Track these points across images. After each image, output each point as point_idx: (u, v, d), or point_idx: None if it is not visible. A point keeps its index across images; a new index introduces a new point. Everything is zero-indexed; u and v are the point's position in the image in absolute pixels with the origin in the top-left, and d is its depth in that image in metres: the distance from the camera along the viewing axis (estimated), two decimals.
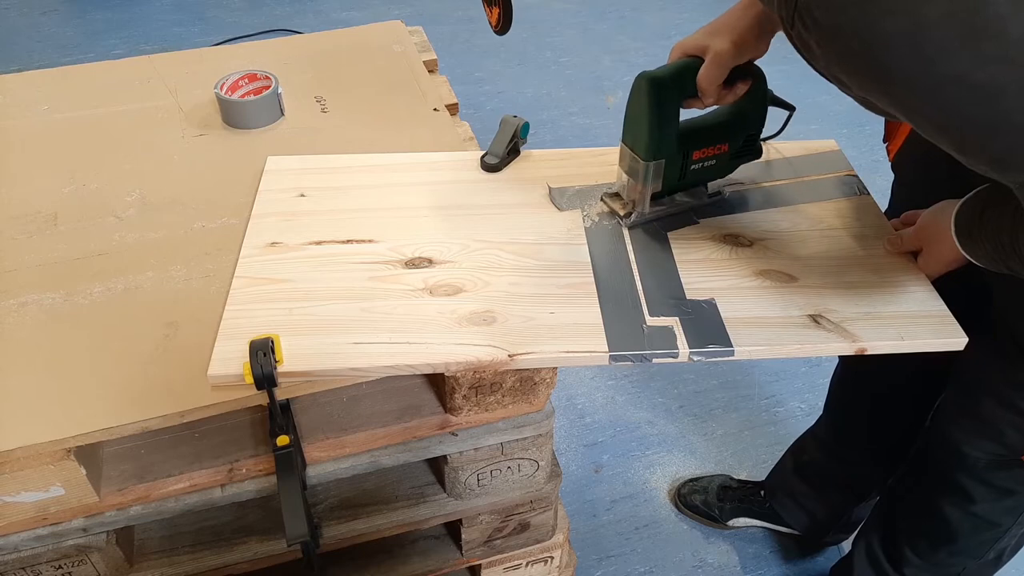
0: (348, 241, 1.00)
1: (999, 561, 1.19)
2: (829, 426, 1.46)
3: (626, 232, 1.02)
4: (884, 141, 1.16)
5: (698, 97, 0.95)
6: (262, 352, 0.81)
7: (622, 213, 1.03)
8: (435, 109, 1.29)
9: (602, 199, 1.05)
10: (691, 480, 1.72)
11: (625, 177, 1.01)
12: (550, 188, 1.09)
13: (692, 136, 0.98)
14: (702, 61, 0.92)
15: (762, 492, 1.62)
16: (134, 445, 0.94)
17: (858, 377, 1.36)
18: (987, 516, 1.11)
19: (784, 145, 1.17)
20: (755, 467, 1.76)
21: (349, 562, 1.14)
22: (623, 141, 0.99)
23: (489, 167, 1.11)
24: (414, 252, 0.98)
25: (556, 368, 0.94)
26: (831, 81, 0.72)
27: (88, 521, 0.89)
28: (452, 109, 1.32)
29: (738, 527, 1.65)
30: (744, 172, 1.10)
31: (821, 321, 0.89)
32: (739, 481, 1.69)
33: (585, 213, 1.04)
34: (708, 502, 1.66)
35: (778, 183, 1.11)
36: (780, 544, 1.63)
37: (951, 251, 0.89)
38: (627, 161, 0.99)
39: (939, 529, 1.17)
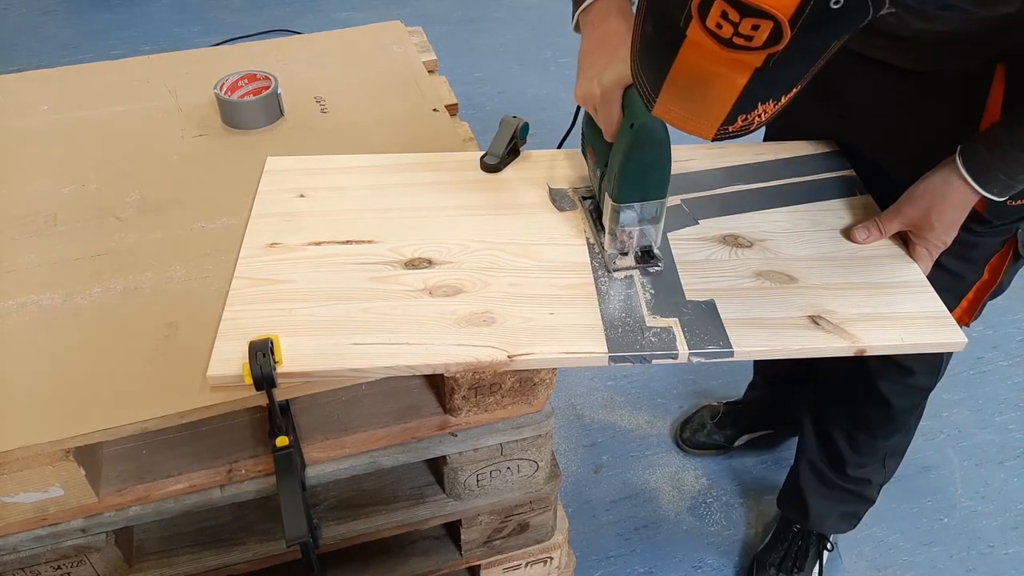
0: (348, 242, 1.00)
1: (911, 430, 1.37)
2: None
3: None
4: None
5: None
6: (261, 353, 0.81)
7: (646, 264, 0.97)
8: (435, 109, 1.29)
9: (614, 269, 0.96)
10: (683, 424, 1.83)
11: (634, 230, 0.95)
12: (550, 188, 1.09)
13: None
14: None
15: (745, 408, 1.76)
16: (133, 445, 0.93)
17: None
18: (902, 407, 1.28)
19: (784, 145, 1.17)
20: (755, 465, 1.76)
21: (349, 562, 1.14)
22: (623, 200, 0.91)
23: (489, 167, 1.11)
24: (414, 253, 0.98)
25: (555, 369, 0.94)
26: None
27: (87, 522, 0.89)
28: (452, 109, 1.32)
29: (744, 443, 1.78)
30: (744, 173, 1.09)
31: (820, 322, 0.89)
32: (725, 404, 1.81)
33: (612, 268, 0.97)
34: (711, 435, 1.78)
35: (778, 183, 1.11)
36: None
37: (955, 209, 0.92)
38: (636, 212, 0.93)
39: (867, 427, 1.32)
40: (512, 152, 1.13)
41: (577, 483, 1.73)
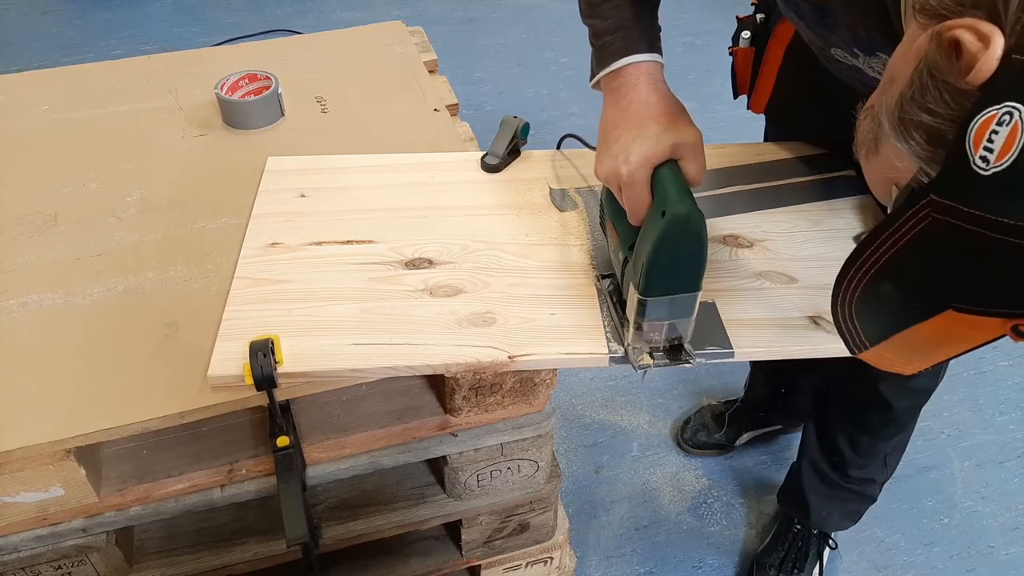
0: (348, 242, 1.00)
1: (911, 429, 1.37)
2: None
3: None
4: (737, 96, 1.19)
5: None
6: (262, 353, 0.81)
7: (676, 361, 0.87)
8: (435, 109, 1.29)
9: (638, 366, 0.86)
10: (684, 424, 1.82)
11: (663, 324, 0.84)
12: (550, 188, 1.09)
13: None
14: (676, 163, 0.82)
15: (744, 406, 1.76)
16: (134, 445, 0.93)
17: None
18: (904, 409, 1.29)
19: (785, 145, 1.17)
20: (755, 465, 1.76)
21: (349, 562, 1.14)
22: (651, 294, 0.80)
23: (489, 167, 1.11)
24: (414, 253, 0.98)
25: (556, 369, 0.94)
26: None
27: (88, 521, 0.89)
28: (452, 109, 1.32)
29: (745, 442, 1.78)
30: (744, 173, 1.09)
31: (821, 323, 0.89)
32: (725, 404, 1.81)
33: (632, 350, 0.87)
34: (712, 434, 1.77)
35: (778, 183, 1.11)
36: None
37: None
38: (666, 307, 0.82)
39: (868, 429, 1.33)
40: (513, 152, 1.13)
41: (577, 483, 1.73)
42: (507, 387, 0.94)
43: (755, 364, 1.73)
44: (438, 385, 0.98)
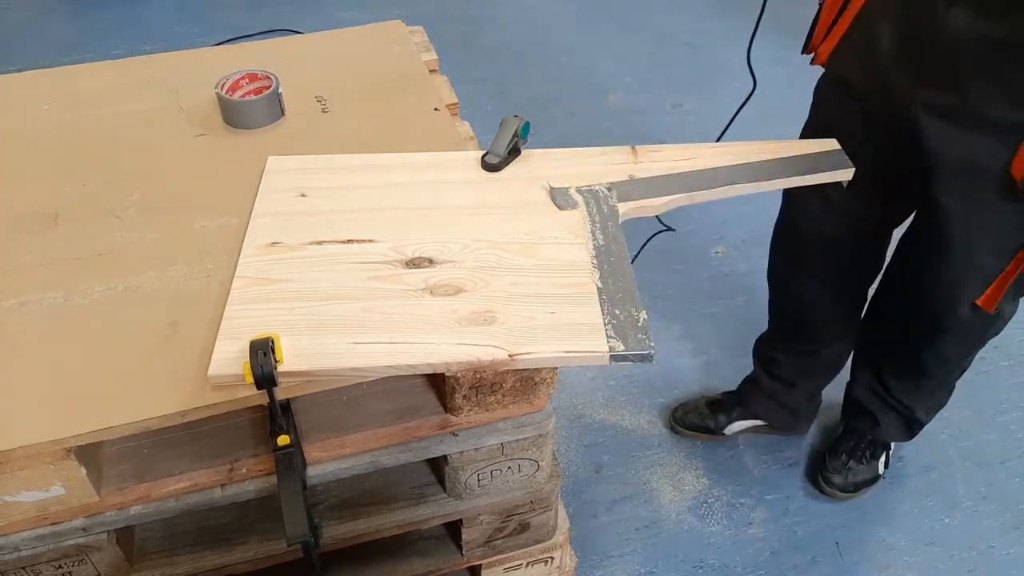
0: (348, 241, 1.00)
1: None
2: (776, 329, 1.69)
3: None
4: (805, 51, 1.27)
5: None
6: (262, 352, 0.81)
7: None
8: (435, 109, 1.29)
9: None
10: (679, 405, 1.86)
11: None
12: (551, 187, 1.09)
13: None
14: None
15: (740, 397, 1.80)
16: (134, 444, 0.94)
17: (786, 282, 1.58)
18: (959, 353, 1.43)
19: (785, 145, 1.17)
20: (755, 465, 1.76)
21: (349, 562, 1.14)
22: None
23: (490, 167, 1.11)
24: (415, 252, 0.98)
25: (556, 368, 0.94)
26: None
27: (88, 521, 0.89)
28: (452, 109, 1.32)
29: (734, 432, 1.80)
30: (745, 172, 1.09)
31: None
32: (722, 394, 1.84)
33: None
34: (703, 418, 1.81)
35: (778, 183, 1.11)
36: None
37: None
38: None
39: (924, 372, 1.48)
40: (513, 151, 1.13)
41: (578, 483, 1.73)
42: (507, 386, 0.94)
43: (758, 353, 1.75)
44: (438, 384, 0.98)
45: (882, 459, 1.70)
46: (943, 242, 1.22)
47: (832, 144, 1.17)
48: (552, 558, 1.25)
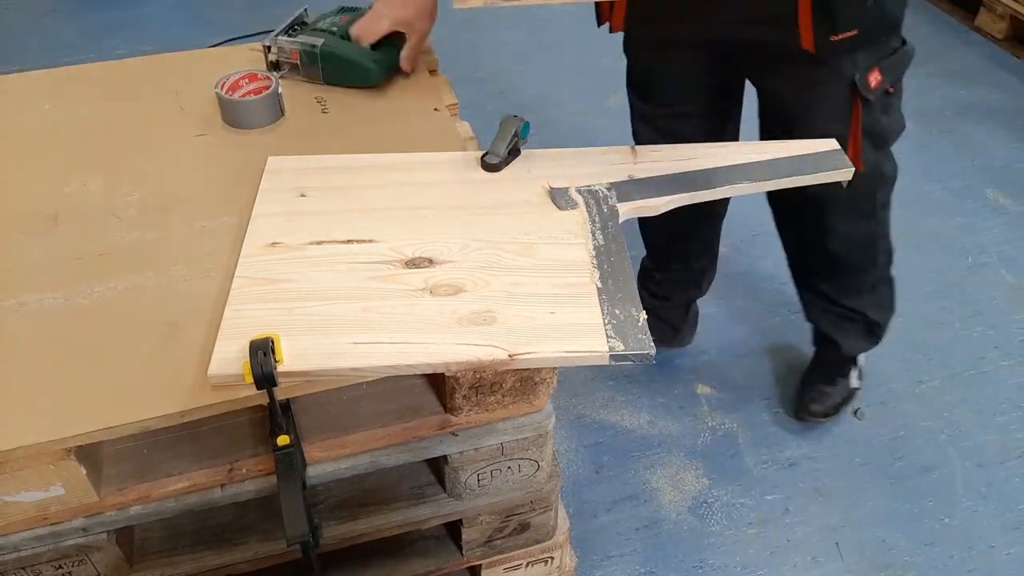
0: (348, 241, 1.00)
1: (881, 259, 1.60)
2: (650, 251, 1.84)
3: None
4: (601, 24, 1.45)
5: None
6: (262, 352, 0.81)
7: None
8: (435, 109, 1.29)
9: None
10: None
11: None
12: (551, 187, 1.09)
13: None
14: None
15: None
16: (134, 445, 0.94)
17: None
18: (858, 228, 1.50)
19: (784, 145, 1.17)
20: (756, 465, 1.76)
21: (349, 562, 1.14)
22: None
23: (490, 167, 1.11)
24: (414, 252, 0.98)
25: (556, 368, 0.94)
26: None
27: (88, 521, 0.89)
28: (452, 109, 1.32)
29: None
30: (745, 172, 1.09)
31: None
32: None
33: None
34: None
35: (778, 183, 1.11)
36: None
37: None
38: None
39: (845, 264, 1.56)
40: (513, 151, 1.13)
41: (577, 483, 1.73)
42: (507, 386, 0.94)
43: (640, 277, 1.89)
44: (438, 384, 0.98)
45: (853, 374, 1.80)
46: (789, 124, 1.33)
47: (832, 144, 1.17)
48: (552, 558, 1.25)
